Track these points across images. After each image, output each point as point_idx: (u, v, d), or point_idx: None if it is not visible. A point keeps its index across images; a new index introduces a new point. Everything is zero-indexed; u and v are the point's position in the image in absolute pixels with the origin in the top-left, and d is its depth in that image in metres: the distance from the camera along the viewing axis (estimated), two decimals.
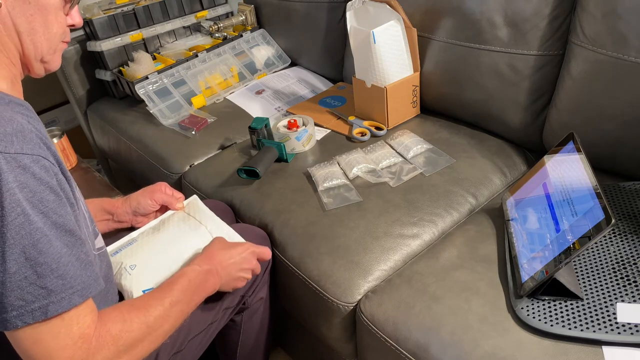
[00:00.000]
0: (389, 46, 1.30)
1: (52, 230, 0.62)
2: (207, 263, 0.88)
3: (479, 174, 1.19)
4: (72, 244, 0.64)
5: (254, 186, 1.25)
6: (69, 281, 0.63)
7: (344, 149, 1.31)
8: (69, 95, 1.90)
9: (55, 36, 0.72)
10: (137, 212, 1.07)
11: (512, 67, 1.19)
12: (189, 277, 0.84)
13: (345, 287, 0.98)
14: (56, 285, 0.62)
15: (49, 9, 0.69)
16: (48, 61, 0.73)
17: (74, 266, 0.64)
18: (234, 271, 0.92)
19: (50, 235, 0.61)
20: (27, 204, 0.59)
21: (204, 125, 1.56)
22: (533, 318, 0.80)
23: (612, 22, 1.00)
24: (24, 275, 0.60)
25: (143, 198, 1.06)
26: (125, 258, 0.96)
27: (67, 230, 0.64)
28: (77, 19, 0.76)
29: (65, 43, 0.76)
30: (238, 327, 1.11)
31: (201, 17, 1.87)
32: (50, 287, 0.61)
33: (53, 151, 0.66)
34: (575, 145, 0.95)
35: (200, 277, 0.86)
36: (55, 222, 0.62)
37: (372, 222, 1.08)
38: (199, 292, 0.85)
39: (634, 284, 0.80)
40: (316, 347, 1.21)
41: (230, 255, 0.92)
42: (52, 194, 0.62)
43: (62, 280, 0.62)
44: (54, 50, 0.73)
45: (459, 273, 0.93)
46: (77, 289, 0.64)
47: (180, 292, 0.81)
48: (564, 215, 0.86)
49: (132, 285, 0.91)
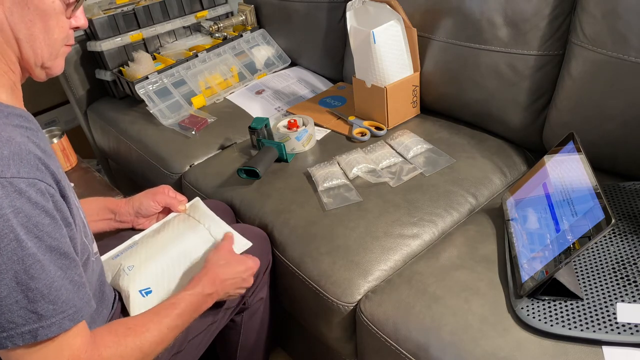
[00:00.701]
0: (389, 46, 1.30)
1: (46, 255, 0.61)
2: (211, 286, 0.87)
3: (479, 174, 1.19)
4: (66, 266, 0.64)
5: (254, 186, 1.25)
6: (60, 306, 0.62)
7: (344, 149, 1.31)
8: (69, 95, 1.90)
9: (56, 42, 0.69)
10: (139, 213, 1.07)
11: (512, 67, 1.19)
12: (190, 301, 0.83)
13: (345, 287, 0.98)
14: (47, 310, 0.61)
15: (49, 14, 0.66)
16: (50, 67, 0.71)
17: (67, 290, 0.63)
18: (232, 290, 0.93)
19: (44, 259, 0.61)
20: (21, 229, 0.58)
21: (204, 125, 1.56)
22: (533, 318, 0.80)
23: (612, 22, 1.00)
24: (14, 299, 0.59)
25: (146, 199, 1.06)
26: (124, 260, 0.96)
27: (62, 253, 0.63)
28: (82, 21, 0.73)
29: (69, 47, 0.73)
30: (238, 327, 1.11)
31: (201, 17, 1.87)
32: (41, 312, 0.61)
33: (52, 170, 0.64)
34: (575, 145, 0.95)
35: (201, 301, 0.86)
36: (50, 246, 0.62)
37: (372, 222, 1.08)
38: (195, 314, 0.86)
39: (634, 284, 0.80)
40: (316, 347, 1.21)
41: (233, 274, 0.91)
42: (47, 217, 0.61)
43: (54, 305, 0.62)
44: (56, 56, 0.71)
45: (459, 273, 0.93)
46: (69, 314, 0.63)
47: (179, 317, 0.81)
48: (564, 215, 0.86)
49: (129, 285, 0.91)
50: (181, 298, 0.83)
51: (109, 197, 1.10)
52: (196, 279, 0.87)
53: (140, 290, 0.91)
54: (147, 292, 0.91)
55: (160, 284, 0.93)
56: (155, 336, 0.76)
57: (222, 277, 0.89)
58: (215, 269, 0.90)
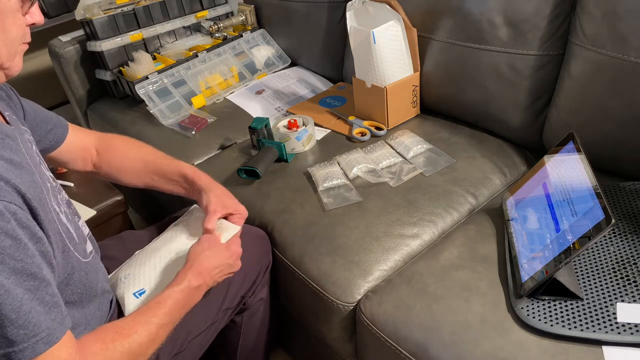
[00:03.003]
0: (389, 46, 1.30)
1: (11, 278, 0.58)
2: (198, 278, 0.85)
3: (479, 174, 1.19)
4: (35, 287, 0.61)
5: (254, 186, 1.25)
6: (32, 330, 0.60)
7: (344, 149, 1.31)
8: (69, 95, 1.90)
9: (14, 40, 0.67)
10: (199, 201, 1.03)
11: (512, 67, 1.19)
12: (177, 297, 0.82)
13: (345, 287, 0.98)
14: (17, 335, 0.59)
15: (6, 13, 0.64)
16: (8, 67, 0.68)
17: (37, 312, 0.61)
18: (220, 277, 0.91)
19: (8, 283, 0.58)
20: None
21: (204, 125, 1.56)
22: (533, 318, 0.80)
23: (612, 22, 1.00)
24: None
25: (205, 198, 0.99)
26: (122, 271, 0.95)
27: (29, 274, 0.60)
28: (37, 17, 0.70)
29: (26, 44, 0.71)
30: (238, 327, 1.11)
31: (201, 17, 1.87)
32: (11, 337, 0.59)
33: (14, 185, 0.61)
34: (575, 145, 0.95)
35: (189, 295, 0.84)
36: (14, 268, 0.59)
37: (372, 222, 1.08)
38: (185, 308, 0.84)
39: (634, 284, 0.80)
40: (316, 347, 1.21)
41: (218, 262, 0.89)
42: (8, 239, 0.58)
43: (24, 330, 0.59)
44: (14, 55, 0.68)
45: (459, 273, 0.93)
46: (42, 337, 0.61)
47: (167, 315, 0.79)
48: (564, 215, 0.86)
49: (124, 291, 0.90)
50: (167, 295, 0.81)
51: (195, 168, 1.05)
52: (181, 273, 0.85)
53: (134, 293, 0.90)
54: (140, 293, 0.90)
55: (153, 283, 0.92)
56: (144, 337, 0.74)
57: (207, 266, 0.87)
58: (200, 260, 0.87)
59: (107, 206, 1.37)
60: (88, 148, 1.03)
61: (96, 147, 1.04)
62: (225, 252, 0.91)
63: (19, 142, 0.70)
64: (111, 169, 1.05)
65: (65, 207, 0.80)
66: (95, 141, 1.05)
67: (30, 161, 0.71)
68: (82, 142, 1.02)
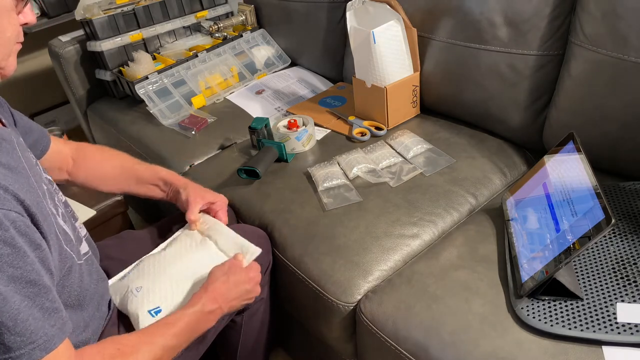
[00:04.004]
0: (389, 46, 1.30)
1: (9, 285, 0.59)
2: (212, 303, 0.84)
3: (479, 174, 1.19)
4: (34, 294, 0.61)
5: (254, 186, 1.25)
6: (29, 337, 0.60)
7: (344, 149, 1.31)
8: (69, 95, 1.90)
9: (9, 40, 0.67)
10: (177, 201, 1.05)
11: (512, 67, 1.19)
12: (189, 320, 0.81)
13: (345, 287, 0.98)
14: (14, 342, 0.59)
15: (0, 13, 0.64)
16: (4, 67, 0.68)
17: (36, 318, 0.61)
18: (237, 303, 0.91)
19: (6, 291, 0.58)
20: None
21: (204, 125, 1.56)
22: (533, 318, 0.80)
23: (612, 22, 1.00)
24: None
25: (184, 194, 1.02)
26: (131, 282, 0.93)
27: (28, 281, 0.60)
28: (30, 17, 0.70)
29: (20, 44, 0.71)
30: (238, 327, 1.11)
31: (201, 17, 1.87)
32: (8, 344, 0.59)
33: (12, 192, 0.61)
34: (575, 145, 0.95)
35: (201, 320, 0.83)
36: (12, 276, 0.59)
37: (372, 222, 1.08)
38: (196, 333, 0.83)
39: (634, 284, 0.80)
40: (316, 347, 1.21)
41: (235, 287, 0.89)
42: (7, 247, 0.58)
43: (21, 337, 0.59)
44: (9, 55, 0.68)
45: (459, 273, 0.93)
46: (39, 343, 0.61)
47: (175, 337, 0.78)
48: (564, 215, 0.86)
49: (138, 307, 0.87)
50: (179, 317, 0.80)
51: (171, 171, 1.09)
52: (196, 296, 0.85)
53: (150, 311, 0.87)
54: (156, 312, 0.88)
55: (169, 301, 0.90)
56: (146, 357, 0.73)
57: (223, 291, 0.86)
58: (215, 285, 0.87)
59: (106, 206, 1.37)
60: (65, 157, 1.04)
61: (72, 156, 1.05)
62: (241, 276, 0.91)
63: (15, 145, 0.70)
64: (88, 176, 1.06)
65: (62, 208, 0.80)
66: (72, 150, 1.06)
67: (26, 164, 0.70)
68: (60, 151, 1.03)
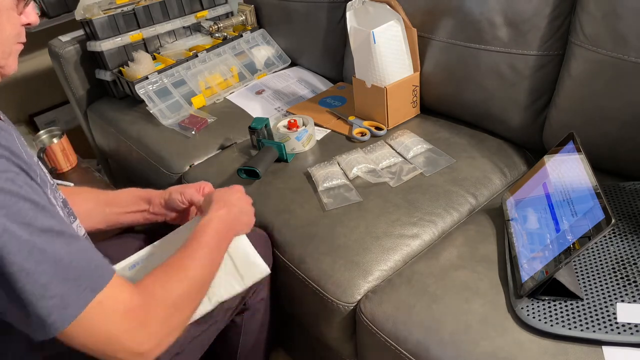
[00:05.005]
0: (389, 46, 1.30)
1: (42, 237, 0.60)
2: (221, 205, 0.90)
3: (479, 174, 1.19)
4: (67, 243, 0.63)
5: (254, 186, 1.25)
6: (76, 281, 0.62)
7: (344, 149, 1.31)
8: (69, 95, 1.90)
9: (8, 39, 0.67)
10: (168, 205, 1.02)
11: (512, 67, 1.19)
12: (214, 226, 0.85)
13: (345, 287, 0.98)
14: (63, 289, 0.61)
15: (0, 12, 0.65)
16: (3, 66, 0.69)
17: (77, 263, 0.63)
18: (241, 216, 0.94)
19: (41, 242, 0.60)
20: (5, 220, 0.57)
21: (204, 125, 1.56)
22: (533, 318, 0.80)
23: (612, 22, 1.00)
24: (30, 291, 0.59)
25: (175, 191, 1.02)
26: None
27: (57, 232, 0.62)
28: (32, 17, 0.71)
29: (21, 44, 0.71)
30: (239, 328, 1.11)
31: (201, 17, 1.87)
32: (59, 292, 0.60)
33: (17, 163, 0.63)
34: (575, 145, 0.95)
35: (219, 223, 0.87)
36: (42, 228, 0.61)
37: (372, 222, 1.08)
38: (227, 237, 0.88)
39: (634, 284, 0.80)
40: (316, 347, 1.21)
41: (238, 201, 0.94)
42: (26, 202, 0.60)
43: (69, 283, 0.61)
44: (8, 54, 0.69)
45: (459, 273, 0.93)
46: (88, 285, 0.63)
47: (212, 239, 0.83)
48: (564, 215, 0.86)
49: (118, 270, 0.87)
50: (202, 227, 0.84)
51: (146, 188, 1.06)
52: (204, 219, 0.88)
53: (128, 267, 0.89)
54: (132, 267, 0.90)
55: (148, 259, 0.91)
56: (202, 258, 0.79)
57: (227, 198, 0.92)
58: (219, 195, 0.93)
59: None
60: None
61: None
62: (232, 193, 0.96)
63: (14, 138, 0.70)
64: None
65: (62, 206, 0.80)
66: None
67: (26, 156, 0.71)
68: None
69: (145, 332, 0.67)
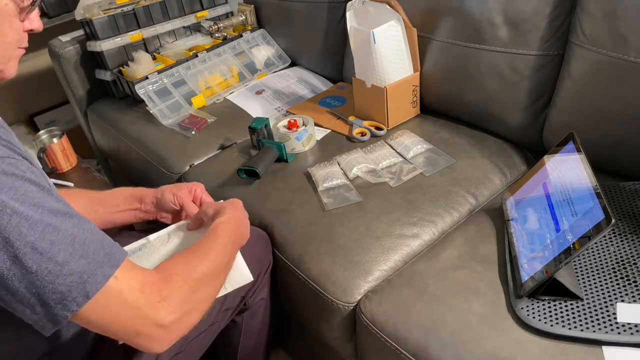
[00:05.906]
0: (389, 46, 1.30)
1: (53, 218, 0.60)
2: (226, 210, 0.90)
3: (479, 174, 1.19)
4: (76, 224, 0.63)
5: (254, 186, 1.25)
6: (93, 257, 0.62)
7: (344, 149, 1.31)
8: (69, 95, 1.90)
9: (9, 45, 0.68)
10: (159, 205, 1.02)
11: (512, 67, 1.19)
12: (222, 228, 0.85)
13: (345, 287, 0.98)
14: (81, 266, 0.61)
15: (2, 17, 0.65)
16: (2, 70, 0.69)
17: (91, 241, 0.63)
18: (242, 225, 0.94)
19: (53, 222, 0.60)
20: (14, 202, 0.57)
21: (204, 125, 1.56)
22: (533, 318, 0.80)
23: (612, 22, 1.00)
24: (47, 270, 0.59)
25: (168, 191, 1.01)
26: None
27: (66, 213, 0.62)
28: (36, 24, 0.71)
29: (22, 49, 0.72)
30: (239, 327, 1.11)
31: (201, 17, 1.87)
32: (78, 269, 0.60)
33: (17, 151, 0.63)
34: (575, 145, 0.95)
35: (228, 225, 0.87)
36: (51, 209, 0.61)
37: (372, 222, 1.08)
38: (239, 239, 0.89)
39: (634, 284, 0.81)
40: (316, 347, 1.21)
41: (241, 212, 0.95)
42: (32, 185, 0.60)
43: (86, 259, 0.61)
44: (9, 59, 0.69)
45: (459, 273, 0.93)
46: (106, 261, 0.63)
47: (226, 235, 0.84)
48: (564, 215, 0.86)
49: None
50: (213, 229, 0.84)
51: (138, 187, 1.05)
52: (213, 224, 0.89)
53: None
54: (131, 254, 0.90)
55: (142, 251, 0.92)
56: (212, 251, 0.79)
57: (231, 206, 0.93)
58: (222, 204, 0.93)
59: None
60: None
61: None
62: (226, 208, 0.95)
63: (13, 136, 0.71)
64: None
65: None
66: None
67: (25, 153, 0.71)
68: None
69: (166, 305, 0.67)
